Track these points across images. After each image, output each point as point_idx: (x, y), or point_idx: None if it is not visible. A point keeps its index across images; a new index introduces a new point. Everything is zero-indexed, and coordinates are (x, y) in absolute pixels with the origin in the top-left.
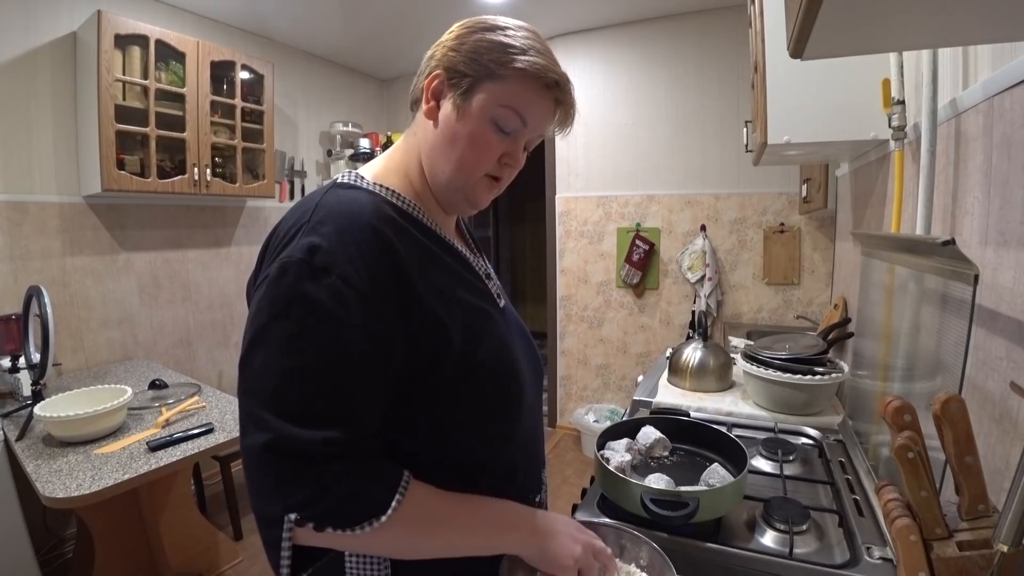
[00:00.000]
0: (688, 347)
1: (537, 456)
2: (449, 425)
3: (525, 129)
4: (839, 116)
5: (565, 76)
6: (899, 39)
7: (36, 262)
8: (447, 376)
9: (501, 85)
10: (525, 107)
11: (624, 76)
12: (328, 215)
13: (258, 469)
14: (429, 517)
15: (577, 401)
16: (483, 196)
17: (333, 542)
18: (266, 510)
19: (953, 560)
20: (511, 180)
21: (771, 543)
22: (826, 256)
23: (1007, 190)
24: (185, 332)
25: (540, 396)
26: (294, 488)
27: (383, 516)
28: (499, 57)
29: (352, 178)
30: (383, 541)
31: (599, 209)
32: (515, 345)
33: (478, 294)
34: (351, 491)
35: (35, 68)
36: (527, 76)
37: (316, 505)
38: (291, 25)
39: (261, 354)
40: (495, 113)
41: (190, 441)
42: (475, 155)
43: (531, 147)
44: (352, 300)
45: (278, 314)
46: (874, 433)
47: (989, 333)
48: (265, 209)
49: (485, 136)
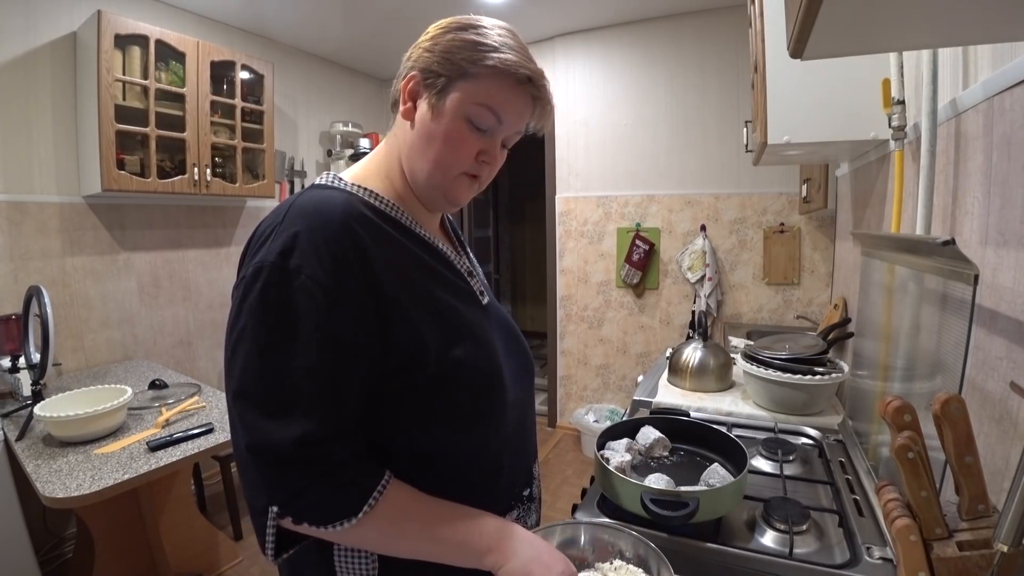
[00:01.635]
0: (688, 347)
1: (525, 450)
2: (429, 422)
3: (501, 126)
4: (839, 116)
5: (539, 72)
6: (899, 39)
7: (36, 262)
8: (424, 374)
9: (474, 83)
10: (499, 104)
11: (624, 76)
12: (300, 215)
13: (245, 465)
14: (402, 521)
15: (577, 401)
16: (462, 194)
17: (312, 533)
18: (252, 501)
19: (953, 560)
20: (491, 178)
21: (771, 543)
22: (826, 256)
23: (1007, 190)
24: (185, 332)
25: (529, 391)
26: (274, 487)
27: (354, 519)
28: (471, 55)
29: (329, 179)
30: (358, 537)
31: (599, 209)
32: (497, 342)
33: (458, 292)
34: (326, 493)
35: (35, 68)
36: (499, 73)
37: (294, 504)
38: (291, 25)
39: (241, 356)
40: (469, 111)
41: (190, 441)
42: (451, 153)
43: (510, 144)
44: (322, 299)
45: (254, 316)
46: (874, 433)
47: (989, 333)
48: (265, 209)
49: (461, 134)
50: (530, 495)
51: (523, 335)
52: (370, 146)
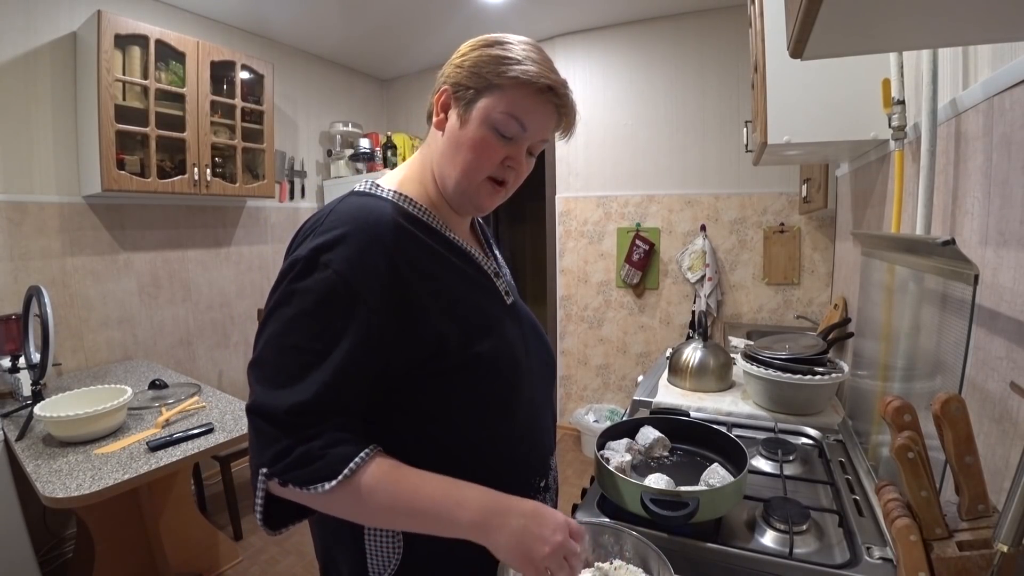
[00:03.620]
0: (688, 347)
1: (543, 443)
2: (449, 411)
3: (525, 134)
4: (839, 116)
5: (561, 81)
6: (899, 39)
7: (36, 262)
8: (444, 367)
9: (499, 94)
10: (522, 112)
11: (624, 76)
12: (337, 220)
13: (249, 426)
14: (380, 491)
15: (577, 401)
16: (487, 200)
17: (298, 498)
18: (252, 461)
19: (953, 560)
20: (517, 185)
21: (771, 543)
22: (826, 256)
23: (1007, 190)
24: (185, 332)
25: (549, 387)
26: (266, 447)
27: (332, 482)
28: (496, 69)
29: (368, 187)
30: (338, 504)
31: (599, 209)
32: (519, 340)
33: (484, 292)
34: (308, 456)
35: (35, 68)
36: (521, 83)
37: (278, 464)
38: (291, 25)
39: (266, 332)
40: (495, 119)
41: (190, 441)
42: (477, 159)
43: (536, 152)
44: (345, 293)
45: (281, 301)
46: (874, 433)
47: (989, 333)
48: (265, 209)
49: (486, 141)
50: (546, 486)
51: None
52: (370, 146)
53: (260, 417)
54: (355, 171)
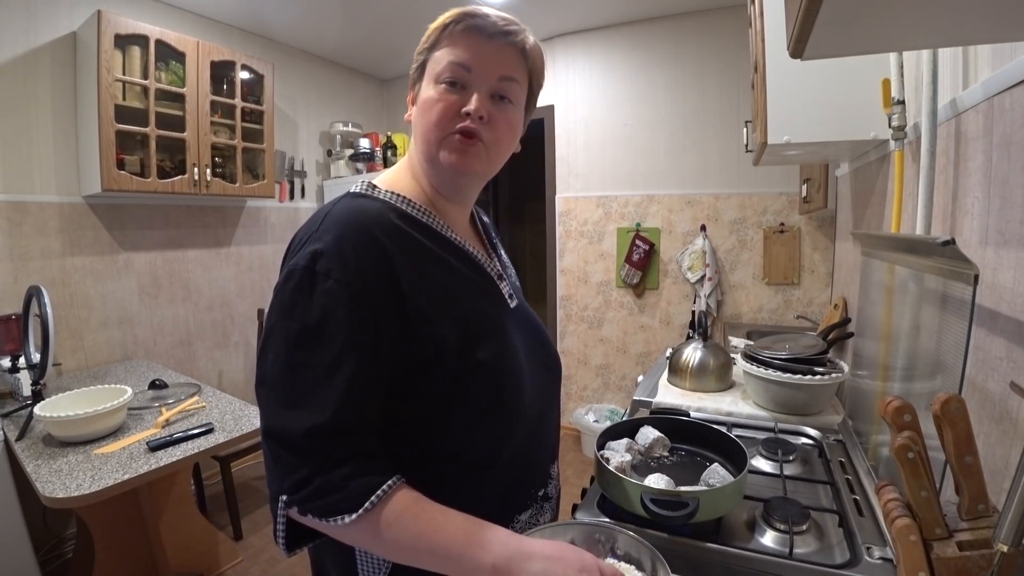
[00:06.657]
0: (688, 347)
1: (543, 450)
2: (447, 418)
3: (471, 75)
4: (839, 116)
5: (496, 14)
6: (899, 39)
7: (36, 262)
8: (444, 374)
9: (438, 50)
10: (460, 55)
11: (624, 76)
12: (333, 224)
13: (265, 450)
14: (400, 526)
15: (577, 401)
16: (459, 158)
17: (317, 526)
18: (270, 487)
19: (953, 560)
20: (497, 139)
21: (771, 543)
22: (826, 256)
23: (1007, 190)
24: (185, 332)
25: (551, 393)
26: (285, 475)
27: (353, 515)
28: (437, 36)
29: (364, 188)
30: (357, 536)
31: (599, 209)
32: (520, 345)
33: (485, 295)
34: (329, 486)
35: (35, 68)
36: (446, 27)
37: (298, 493)
38: (291, 25)
39: (271, 350)
40: (438, 73)
41: (190, 441)
42: (431, 115)
43: (507, 95)
44: (347, 301)
45: (283, 315)
46: (874, 433)
47: (989, 333)
48: (265, 209)
49: (435, 96)
50: (545, 495)
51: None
52: (370, 146)
53: (277, 443)
54: (355, 171)
